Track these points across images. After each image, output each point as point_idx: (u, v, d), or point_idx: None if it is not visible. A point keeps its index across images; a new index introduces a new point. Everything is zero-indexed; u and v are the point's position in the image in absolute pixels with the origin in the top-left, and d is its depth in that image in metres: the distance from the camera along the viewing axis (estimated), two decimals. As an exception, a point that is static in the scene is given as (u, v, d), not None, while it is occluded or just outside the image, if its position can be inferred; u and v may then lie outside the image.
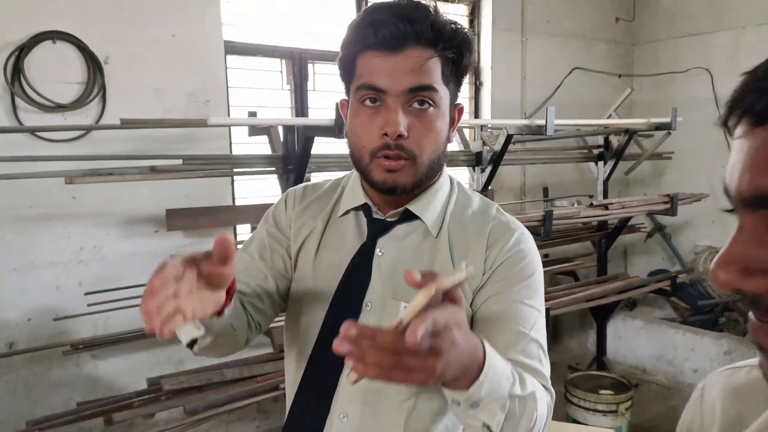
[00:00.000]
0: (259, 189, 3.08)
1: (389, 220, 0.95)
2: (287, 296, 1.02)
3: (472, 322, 0.91)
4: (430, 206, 0.94)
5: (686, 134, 3.78)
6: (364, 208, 0.96)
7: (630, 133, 3.37)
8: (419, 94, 0.84)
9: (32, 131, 2.39)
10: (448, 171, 1.00)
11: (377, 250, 0.93)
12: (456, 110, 0.93)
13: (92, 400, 2.07)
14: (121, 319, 2.56)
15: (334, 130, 2.05)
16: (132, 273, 2.62)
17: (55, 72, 2.46)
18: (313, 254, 0.98)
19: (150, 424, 2.31)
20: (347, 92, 0.92)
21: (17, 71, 2.38)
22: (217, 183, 2.84)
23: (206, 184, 2.79)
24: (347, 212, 0.98)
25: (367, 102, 0.86)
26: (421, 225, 0.94)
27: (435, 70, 0.85)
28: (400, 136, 0.84)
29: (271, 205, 1.06)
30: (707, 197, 3.61)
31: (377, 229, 0.95)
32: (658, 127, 3.31)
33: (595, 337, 3.80)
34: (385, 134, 0.84)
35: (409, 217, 0.94)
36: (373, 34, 0.83)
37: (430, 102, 0.85)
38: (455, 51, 0.86)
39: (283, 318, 1.05)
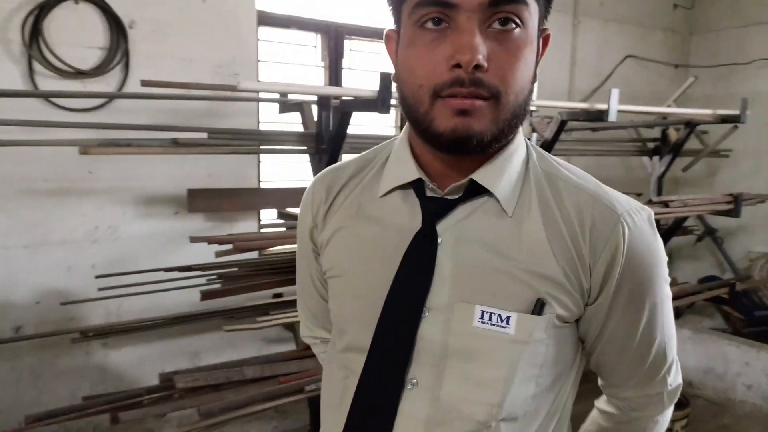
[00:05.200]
0: (287, 172, 2.87)
1: (449, 198, 0.69)
2: None
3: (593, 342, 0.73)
4: (503, 174, 0.68)
5: (748, 131, 3.50)
6: (416, 184, 0.71)
7: (692, 126, 3.09)
8: (503, 9, 0.60)
9: (48, 96, 2.22)
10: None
11: (438, 238, 0.69)
12: (543, 38, 0.68)
13: (99, 395, 1.89)
14: (135, 306, 2.39)
15: (377, 103, 1.81)
16: (148, 256, 2.46)
17: (76, 35, 2.29)
18: (345, 254, 0.75)
19: (160, 423, 2.12)
20: (397, 19, 0.68)
21: (36, 32, 2.21)
22: (242, 163, 2.65)
23: (231, 164, 2.60)
24: (391, 191, 0.73)
25: (429, 24, 0.62)
26: (490, 201, 0.68)
27: None
28: (477, 66, 0.59)
29: (299, 189, 0.86)
30: (772, 199, 3.31)
31: (434, 211, 0.69)
32: (725, 119, 3.02)
33: (639, 346, 3.53)
34: (457, 65, 0.60)
35: (475, 193, 0.69)
36: None
37: (517, 21, 0.61)
38: None
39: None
